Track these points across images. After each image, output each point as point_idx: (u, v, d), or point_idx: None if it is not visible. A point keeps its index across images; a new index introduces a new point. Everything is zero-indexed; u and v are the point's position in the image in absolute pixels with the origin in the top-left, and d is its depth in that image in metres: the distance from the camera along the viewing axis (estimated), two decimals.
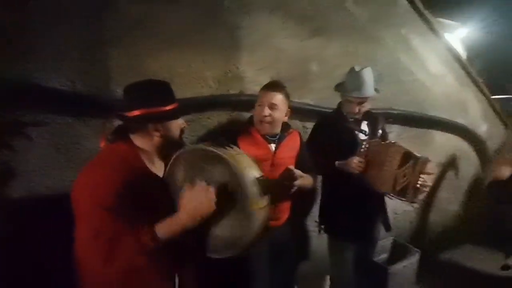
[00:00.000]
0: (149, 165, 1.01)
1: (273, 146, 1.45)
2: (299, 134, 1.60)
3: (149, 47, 1.51)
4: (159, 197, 0.98)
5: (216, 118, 1.79)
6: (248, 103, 1.80)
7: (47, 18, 1.29)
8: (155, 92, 1.01)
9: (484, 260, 2.57)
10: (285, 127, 1.51)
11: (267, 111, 1.38)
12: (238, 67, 1.79)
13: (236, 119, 1.83)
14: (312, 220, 2.19)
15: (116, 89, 1.49)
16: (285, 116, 1.47)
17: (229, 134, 1.44)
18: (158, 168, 1.04)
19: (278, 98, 1.40)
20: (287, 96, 1.45)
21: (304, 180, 1.40)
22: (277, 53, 1.88)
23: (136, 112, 0.95)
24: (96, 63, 1.43)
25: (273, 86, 1.44)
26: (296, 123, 2.05)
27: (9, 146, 1.30)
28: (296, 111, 2.00)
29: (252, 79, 1.83)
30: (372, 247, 1.89)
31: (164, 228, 0.89)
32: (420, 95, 2.51)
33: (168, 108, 0.99)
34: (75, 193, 0.88)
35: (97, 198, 0.84)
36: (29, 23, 1.28)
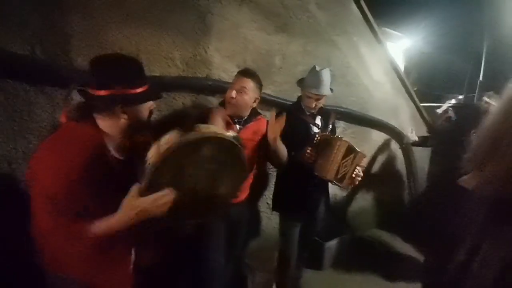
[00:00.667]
0: (112, 149, 0.95)
1: (237, 127, 1.55)
2: (267, 121, 1.67)
3: (114, 18, 1.47)
4: (119, 184, 0.90)
5: (181, 100, 1.83)
6: (213, 88, 1.88)
7: None
8: (126, 71, 0.92)
9: (398, 240, 3.11)
10: (254, 112, 1.61)
11: (233, 93, 1.48)
12: (207, 51, 1.84)
13: (200, 103, 1.89)
14: (264, 202, 2.39)
15: (77, 58, 1.43)
16: (253, 102, 1.56)
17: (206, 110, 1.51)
18: (121, 151, 0.98)
19: (248, 83, 1.50)
20: (258, 84, 1.55)
21: (281, 143, 1.55)
22: (245, 43, 1.97)
23: (103, 92, 0.87)
24: (57, 30, 1.35)
25: (246, 72, 1.54)
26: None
27: None
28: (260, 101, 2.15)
29: (219, 65, 1.90)
30: (317, 226, 2.13)
31: (105, 225, 0.85)
32: (363, 97, 2.87)
33: (139, 90, 0.91)
34: (35, 168, 0.84)
35: (58, 178, 0.81)
36: None
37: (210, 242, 1.58)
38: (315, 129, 1.85)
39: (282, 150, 1.60)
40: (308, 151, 1.70)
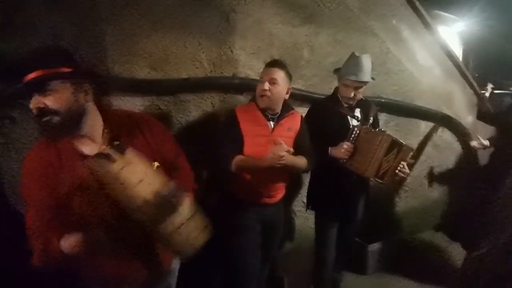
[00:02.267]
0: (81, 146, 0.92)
1: (271, 123, 1.50)
2: (301, 116, 1.63)
3: (143, 26, 1.56)
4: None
5: (209, 100, 1.86)
6: (240, 86, 1.88)
7: None
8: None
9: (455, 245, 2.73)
10: (286, 107, 1.55)
11: (266, 85, 1.44)
12: (232, 50, 1.85)
13: (229, 102, 1.91)
14: (299, 201, 2.30)
15: (113, 66, 1.55)
16: (286, 94, 1.51)
17: (230, 112, 1.52)
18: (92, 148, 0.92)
19: (278, 74, 1.45)
20: (288, 75, 1.50)
21: (295, 159, 1.45)
22: (270, 39, 1.94)
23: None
24: (92, 41, 1.48)
25: (275, 63, 1.50)
26: None
27: (10, 117, 1.36)
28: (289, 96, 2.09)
29: (245, 62, 1.90)
30: (355, 226, 1.99)
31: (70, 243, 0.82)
32: (407, 85, 2.60)
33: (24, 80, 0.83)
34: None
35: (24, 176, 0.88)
36: (29, 2, 1.32)
37: (246, 245, 1.55)
38: (354, 122, 1.72)
39: (298, 163, 1.51)
40: (345, 146, 1.59)
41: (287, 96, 1.53)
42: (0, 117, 1.35)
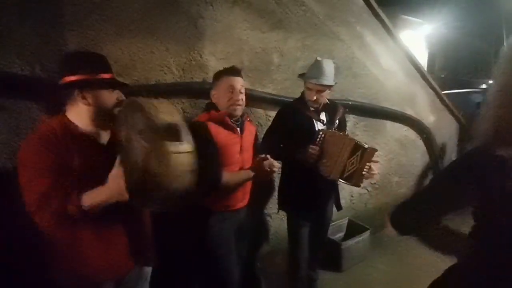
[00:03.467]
0: (90, 135, 1.03)
1: (238, 129, 1.52)
2: (249, 119, 1.68)
3: (108, 32, 1.52)
4: (94, 163, 0.99)
5: (179, 105, 1.85)
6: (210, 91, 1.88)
7: (6, 4, 1.28)
8: (87, 59, 1.03)
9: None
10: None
11: (239, 96, 1.47)
12: (202, 56, 1.86)
13: (200, 107, 1.90)
14: (274, 203, 2.34)
15: None
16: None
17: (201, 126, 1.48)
18: (102, 137, 1.07)
19: (241, 82, 1.50)
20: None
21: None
22: (239, 44, 1.97)
23: (66, 79, 0.98)
24: (55, 48, 1.42)
25: (237, 71, 1.52)
26: (259, 112, 2.17)
27: None
28: (259, 100, 2.13)
29: (215, 68, 1.89)
30: (326, 225, 2.04)
31: (91, 199, 0.92)
32: (373, 88, 2.74)
33: (98, 77, 0.99)
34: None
35: (24, 159, 0.94)
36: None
37: (226, 256, 1.56)
38: (320, 126, 1.78)
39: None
40: (310, 150, 1.63)
41: None
42: None
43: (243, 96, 1.50)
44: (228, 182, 1.45)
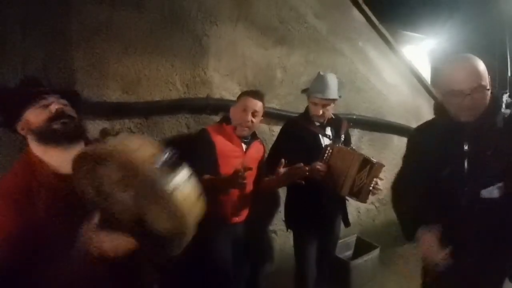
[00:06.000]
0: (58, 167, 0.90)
1: (244, 146, 1.56)
2: (261, 142, 1.74)
3: (114, 50, 1.56)
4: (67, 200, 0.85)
5: (184, 121, 1.86)
6: (215, 107, 1.89)
7: (15, 21, 1.33)
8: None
9: None
10: (254, 132, 1.64)
11: (250, 117, 1.50)
12: (206, 72, 1.88)
13: (204, 122, 1.91)
14: (280, 220, 2.28)
15: (82, 90, 1.52)
16: (259, 122, 1.60)
17: (201, 132, 1.53)
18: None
19: (259, 106, 1.53)
20: (263, 105, 1.58)
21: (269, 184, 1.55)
22: (243, 60, 2.00)
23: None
24: (61, 65, 1.46)
25: (258, 94, 1.57)
26: (263, 127, 2.17)
27: None
28: (264, 115, 2.13)
29: (219, 84, 1.93)
30: (334, 243, 1.98)
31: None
32: (377, 102, 2.73)
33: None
34: None
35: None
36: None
37: (218, 271, 1.52)
38: (326, 141, 1.76)
39: (272, 187, 1.62)
40: (318, 166, 1.60)
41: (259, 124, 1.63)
42: None
43: (255, 119, 1.52)
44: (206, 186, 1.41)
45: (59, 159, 0.90)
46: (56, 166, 0.90)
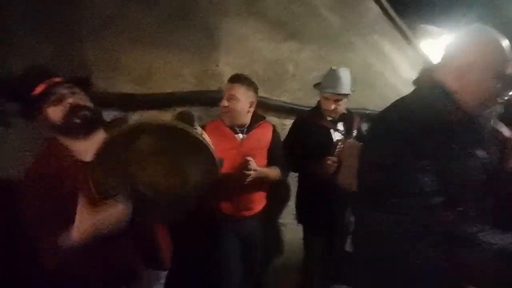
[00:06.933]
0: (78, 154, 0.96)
1: (240, 136, 1.51)
2: (273, 126, 1.62)
3: (124, 43, 1.59)
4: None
5: (196, 113, 1.88)
6: None
7: (26, 15, 1.38)
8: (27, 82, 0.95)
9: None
10: (256, 118, 1.56)
11: (225, 102, 1.45)
12: (218, 65, 1.90)
13: (216, 115, 1.93)
14: (289, 213, 2.29)
15: (94, 82, 1.56)
16: (249, 107, 1.49)
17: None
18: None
19: (238, 89, 1.45)
20: (250, 88, 1.49)
21: (266, 171, 1.49)
22: (254, 54, 2.00)
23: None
24: (71, 58, 1.50)
25: (233, 78, 1.49)
26: (274, 121, 2.17)
27: None
28: (274, 109, 2.13)
29: None
30: (344, 238, 1.96)
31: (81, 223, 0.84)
32: (392, 98, 2.64)
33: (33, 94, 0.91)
34: None
35: (23, 186, 0.91)
36: (6, 19, 1.35)
37: (226, 264, 1.53)
38: (337, 136, 1.74)
39: (270, 175, 1.54)
40: (329, 161, 1.59)
41: (251, 109, 1.52)
42: None
43: (233, 104, 1.45)
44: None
45: (82, 147, 0.95)
46: (80, 155, 0.96)
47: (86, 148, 0.94)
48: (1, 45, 1.34)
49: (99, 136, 0.96)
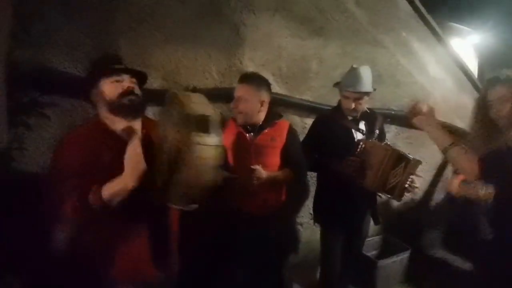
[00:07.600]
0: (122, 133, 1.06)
1: (250, 135, 1.51)
2: (289, 125, 1.60)
3: (157, 39, 1.62)
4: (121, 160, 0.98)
5: (219, 110, 1.89)
6: None
7: (64, 9, 1.41)
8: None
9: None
10: (271, 117, 1.54)
11: (233, 104, 1.47)
12: (242, 62, 1.89)
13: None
14: (307, 212, 2.28)
15: None
16: (261, 106, 1.48)
17: None
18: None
19: (246, 90, 1.45)
20: (260, 88, 1.47)
21: (274, 175, 1.49)
22: (279, 51, 1.98)
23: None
24: (107, 52, 1.53)
25: (242, 78, 1.49)
26: (295, 119, 2.15)
27: (26, 124, 1.39)
28: (296, 107, 2.10)
29: None
30: (361, 240, 1.94)
31: (109, 189, 0.93)
32: (419, 97, 2.57)
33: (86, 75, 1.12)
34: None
35: (55, 157, 1.06)
36: (46, 13, 1.39)
37: (241, 262, 1.55)
38: (359, 135, 1.71)
39: (278, 178, 1.53)
40: (350, 161, 1.56)
41: (263, 108, 1.49)
42: (16, 124, 1.40)
43: (241, 104, 1.44)
44: None
45: (119, 127, 1.06)
46: (120, 134, 1.05)
47: (123, 129, 1.06)
48: (40, 38, 1.38)
49: (136, 124, 1.09)
